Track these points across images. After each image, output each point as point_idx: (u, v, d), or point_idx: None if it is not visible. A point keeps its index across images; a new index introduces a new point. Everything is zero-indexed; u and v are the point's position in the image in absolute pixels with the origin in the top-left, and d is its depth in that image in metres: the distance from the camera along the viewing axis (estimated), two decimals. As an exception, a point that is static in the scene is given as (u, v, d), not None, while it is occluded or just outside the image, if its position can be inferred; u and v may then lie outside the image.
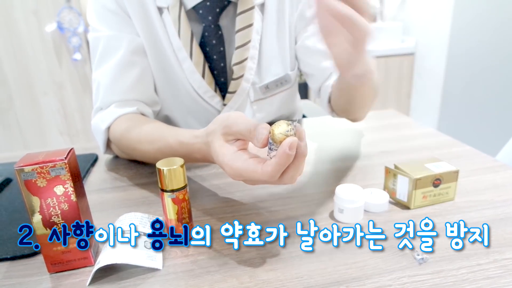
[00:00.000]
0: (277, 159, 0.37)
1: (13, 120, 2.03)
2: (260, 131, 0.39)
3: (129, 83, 0.68)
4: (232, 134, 0.43)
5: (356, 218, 0.48)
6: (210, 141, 0.46)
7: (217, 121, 0.46)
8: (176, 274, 0.41)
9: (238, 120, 0.43)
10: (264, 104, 0.80)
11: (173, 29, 0.69)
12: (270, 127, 0.39)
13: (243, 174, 0.41)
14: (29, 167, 0.37)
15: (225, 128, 0.44)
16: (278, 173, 0.38)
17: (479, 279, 0.38)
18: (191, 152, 0.52)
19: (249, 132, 0.41)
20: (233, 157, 0.42)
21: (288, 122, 0.38)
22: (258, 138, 0.39)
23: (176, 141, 0.54)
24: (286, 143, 0.37)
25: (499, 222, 0.47)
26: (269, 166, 0.38)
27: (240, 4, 0.70)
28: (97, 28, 0.69)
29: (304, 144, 0.38)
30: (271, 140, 0.38)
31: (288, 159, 0.37)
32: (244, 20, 0.70)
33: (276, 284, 0.38)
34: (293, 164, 0.39)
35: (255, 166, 0.40)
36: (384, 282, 0.38)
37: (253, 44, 0.72)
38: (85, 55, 1.97)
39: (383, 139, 0.76)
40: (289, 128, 0.38)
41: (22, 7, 1.85)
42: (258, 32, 0.73)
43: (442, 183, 0.50)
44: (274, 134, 0.38)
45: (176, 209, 0.44)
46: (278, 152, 0.37)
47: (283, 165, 0.38)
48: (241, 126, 0.42)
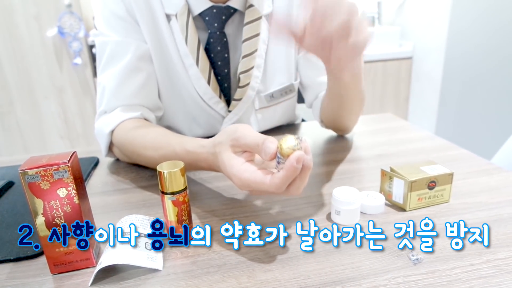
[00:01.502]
0: (285, 172, 0.39)
1: (13, 124, 2.04)
2: (268, 145, 0.41)
3: (134, 88, 0.70)
4: (240, 146, 0.45)
5: (352, 220, 0.49)
6: (217, 152, 0.48)
7: (225, 133, 0.47)
8: (176, 275, 0.41)
9: (246, 133, 0.44)
10: (268, 112, 0.82)
11: (180, 36, 0.70)
12: (278, 141, 0.41)
13: (251, 185, 0.43)
14: (33, 170, 0.38)
15: (233, 140, 0.45)
16: (285, 185, 0.41)
17: (472, 279, 0.39)
18: (197, 161, 0.53)
19: (257, 146, 0.42)
20: (241, 169, 0.44)
21: (295, 137, 0.40)
22: (266, 152, 0.41)
23: (183, 149, 0.55)
24: (294, 157, 0.38)
25: (493, 223, 0.48)
26: (277, 178, 0.40)
27: (247, 14, 0.71)
28: (105, 33, 0.70)
29: (310, 157, 0.40)
30: (279, 154, 0.40)
31: (295, 172, 0.39)
32: (251, 29, 0.72)
33: (274, 284, 0.39)
34: (299, 176, 0.41)
35: (263, 178, 0.41)
36: (380, 282, 0.39)
37: (259, 53, 0.74)
38: (86, 60, 1.98)
39: (380, 142, 0.77)
40: (296, 143, 0.39)
41: (23, 12, 1.86)
42: (264, 41, 0.74)
43: (437, 185, 0.51)
44: (282, 149, 0.39)
45: (176, 211, 0.45)
46: (286, 166, 0.39)
47: (290, 177, 0.40)
48: (249, 139, 0.43)
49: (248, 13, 0.71)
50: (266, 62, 0.76)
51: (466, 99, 1.90)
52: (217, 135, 0.49)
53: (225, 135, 0.47)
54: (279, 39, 0.49)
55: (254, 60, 0.74)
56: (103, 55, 0.70)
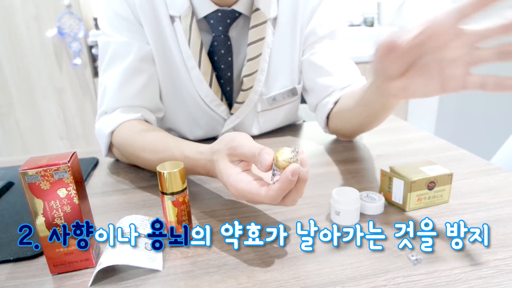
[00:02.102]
0: (280, 185, 0.39)
1: (13, 124, 2.04)
2: (264, 157, 0.41)
3: (136, 89, 0.70)
4: (237, 155, 0.45)
5: (352, 221, 0.49)
6: (215, 160, 0.48)
7: (222, 141, 0.47)
8: (176, 275, 0.41)
9: (243, 142, 0.44)
10: (270, 114, 0.82)
11: (183, 38, 0.70)
12: (274, 153, 0.41)
13: (246, 195, 0.43)
14: (33, 170, 0.38)
15: (230, 149, 0.45)
16: (280, 197, 0.41)
17: (472, 279, 0.39)
18: (194, 166, 0.54)
19: (254, 156, 0.42)
20: (238, 178, 0.44)
21: (291, 149, 0.40)
22: (262, 163, 0.41)
23: (181, 154, 0.55)
24: (289, 170, 0.38)
25: (492, 223, 0.48)
26: (272, 190, 0.40)
27: (253, 18, 0.71)
28: (108, 33, 0.70)
29: (306, 170, 0.40)
30: (275, 166, 0.40)
31: (291, 184, 0.39)
32: (256, 33, 0.72)
33: (274, 285, 0.39)
34: (295, 188, 0.41)
35: (258, 189, 0.41)
36: (379, 282, 0.39)
37: (264, 57, 0.74)
38: (85, 60, 1.98)
39: (380, 142, 0.77)
40: (292, 155, 0.39)
41: (23, 12, 1.86)
42: (269, 45, 0.74)
43: (436, 185, 0.51)
44: (278, 161, 0.39)
45: (176, 211, 0.45)
46: (281, 178, 0.39)
47: (286, 190, 0.40)
48: (246, 149, 0.43)
49: (254, 17, 0.71)
50: (270, 65, 0.76)
51: (466, 99, 1.90)
52: (215, 142, 0.49)
53: (223, 143, 0.47)
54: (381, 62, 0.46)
55: (259, 63, 0.74)
56: (105, 55, 0.70)
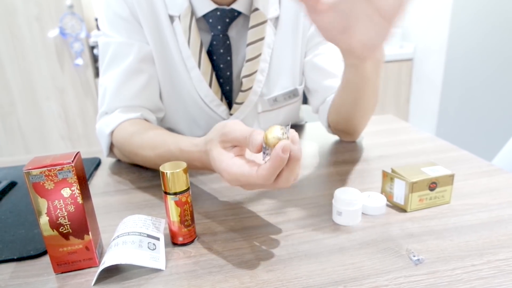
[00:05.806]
0: (271, 162, 0.38)
1: (15, 124, 2.05)
2: (254, 137, 0.41)
3: (135, 89, 0.70)
4: (229, 141, 0.45)
5: (354, 221, 0.49)
6: (208, 150, 0.48)
7: (215, 130, 0.47)
8: (178, 275, 0.42)
9: (235, 127, 0.44)
10: (271, 115, 0.81)
11: (183, 37, 0.70)
12: (264, 132, 0.40)
13: (239, 178, 0.42)
14: (37, 170, 0.38)
15: (222, 136, 0.45)
16: (273, 176, 0.40)
17: (473, 280, 0.39)
18: (191, 159, 0.53)
19: (245, 139, 0.42)
20: (230, 163, 0.43)
21: (281, 127, 0.39)
22: (253, 143, 0.41)
23: (177, 148, 0.55)
24: (279, 146, 0.38)
25: (493, 224, 0.48)
26: (263, 169, 0.39)
27: (252, 18, 0.71)
28: (108, 33, 0.70)
29: (298, 147, 0.39)
30: (265, 145, 0.40)
31: (282, 162, 0.38)
32: (255, 33, 0.72)
33: (276, 284, 0.39)
34: (287, 167, 0.40)
35: (250, 170, 0.41)
36: (381, 282, 0.39)
37: (264, 58, 0.74)
38: (87, 61, 1.99)
39: (381, 143, 0.77)
40: (282, 132, 0.39)
41: (25, 13, 1.87)
42: (269, 46, 0.74)
43: (438, 186, 0.52)
44: (267, 139, 0.39)
45: (179, 211, 0.45)
46: (272, 155, 0.38)
47: (277, 168, 0.39)
48: (237, 133, 0.43)
49: (253, 16, 0.71)
50: (271, 66, 0.76)
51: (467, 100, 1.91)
52: (209, 133, 0.49)
53: (215, 132, 0.47)
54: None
55: (258, 64, 0.74)
56: (105, 56, 0.71)
